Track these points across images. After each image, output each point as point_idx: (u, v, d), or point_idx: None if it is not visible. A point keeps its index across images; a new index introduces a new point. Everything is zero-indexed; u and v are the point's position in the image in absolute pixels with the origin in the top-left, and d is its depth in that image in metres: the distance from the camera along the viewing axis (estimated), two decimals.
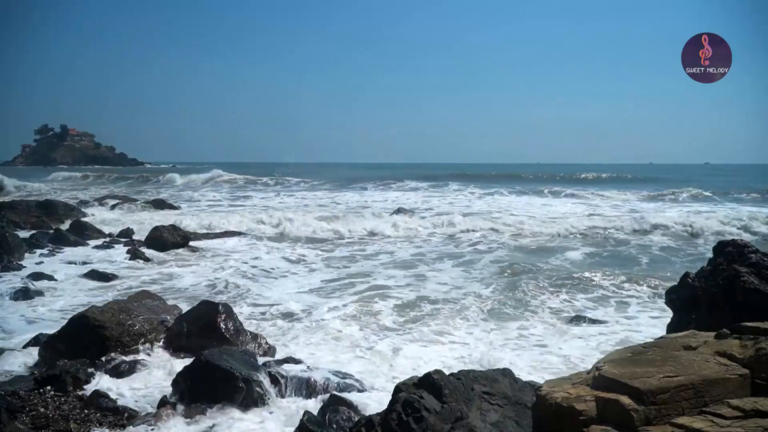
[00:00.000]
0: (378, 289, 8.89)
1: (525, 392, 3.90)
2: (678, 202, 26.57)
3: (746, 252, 4.99)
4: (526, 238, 14.67)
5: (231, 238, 14.70)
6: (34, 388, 4.68)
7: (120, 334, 5.46)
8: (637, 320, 7.36)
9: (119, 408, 4.39)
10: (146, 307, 5.97)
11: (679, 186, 33.33)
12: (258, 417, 4.40)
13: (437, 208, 23.53)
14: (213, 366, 4.62)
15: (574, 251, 12.60)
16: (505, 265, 10.78)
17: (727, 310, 4.59)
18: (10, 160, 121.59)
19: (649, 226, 15.74)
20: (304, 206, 24.16)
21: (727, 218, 16.59)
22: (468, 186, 35.26)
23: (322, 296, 8.62)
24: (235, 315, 6.09)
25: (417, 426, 3.28)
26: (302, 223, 16.29)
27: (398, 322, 7.18)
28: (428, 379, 3.59)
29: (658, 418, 2.30)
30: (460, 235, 15.14)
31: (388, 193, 32.46)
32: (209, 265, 10.96)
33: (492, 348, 6.16)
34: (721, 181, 44.02)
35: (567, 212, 21.19)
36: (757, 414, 2.24)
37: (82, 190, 35.47)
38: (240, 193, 31.92)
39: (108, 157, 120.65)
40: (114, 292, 8.48)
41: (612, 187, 34.68)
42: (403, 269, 10.65)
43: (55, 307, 7.61)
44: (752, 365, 2.53)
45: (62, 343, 5.39)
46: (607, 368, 2.59)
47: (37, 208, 18.53)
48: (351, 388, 4.90)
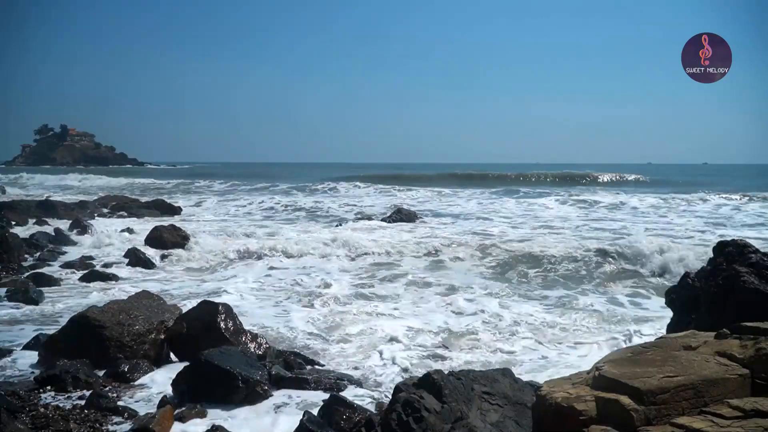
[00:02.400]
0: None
1: (525, 392, 3.90)
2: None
3: (746, 252, 4.99)
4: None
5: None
6: (34, 388, 4.68)
7: (120, 334, 5.46)
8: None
9: (119, 408, 4.39)
10: (146, 307, 5.96)
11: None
12: (258, 417, 4.40)
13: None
14: (213, 366, 4.62)
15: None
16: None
17: (727, 310, 4.59)
18: (10, 160, 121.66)
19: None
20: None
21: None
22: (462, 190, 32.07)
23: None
24: (235, 315, 6.08)
25: (417, 426, 3.28)
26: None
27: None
28: (428, 379, 3.59)
29: (658, 418, 2.30)
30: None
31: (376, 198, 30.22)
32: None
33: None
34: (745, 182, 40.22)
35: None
36: (757, 414, 2.24)
37: (82, 190, 35.48)
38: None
39: (108, 157, 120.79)
40: (114, 292, 8.48)
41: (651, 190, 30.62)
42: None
43: (55, 308, 7.61)
44: (752, 365, 2.53)
45: (62, 343, 5.39)
46: (607, 368, 2.59)
47: (37, 208, 18.55)
48: (351, 388, 4.90)
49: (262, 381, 4.71)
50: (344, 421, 4.03)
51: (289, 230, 15.56)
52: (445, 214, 20.79)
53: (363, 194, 31.73)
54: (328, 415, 4.09)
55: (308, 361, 5.64)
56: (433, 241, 13.15)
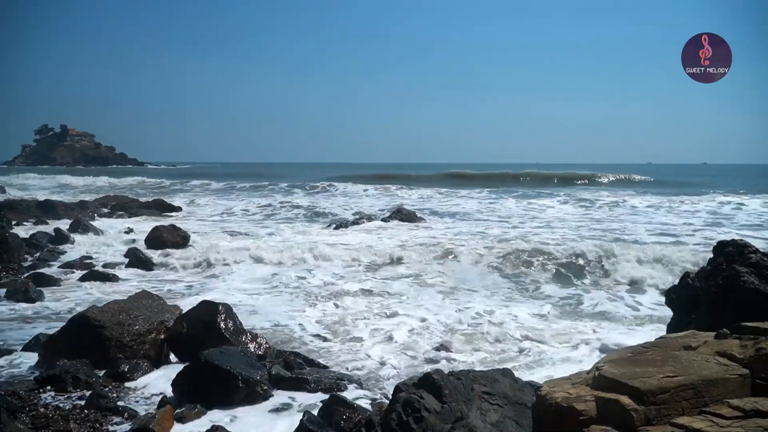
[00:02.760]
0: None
1: (525, 392, 3.90)
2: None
3: (746, 252, 4.99)
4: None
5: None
6: (34, 388, 4.68)
7: (120, 334, 5.46)
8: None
9: (119, 408, 4.39)
10: (146, 307, 5.96)
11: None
12: (258, 417, 4.40)
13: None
14: (213, 366, 4.62)
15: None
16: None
17: (727, 310, 4.59)
18: (10, 160, 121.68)
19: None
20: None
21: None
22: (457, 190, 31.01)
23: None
24: (235, 315, 6.08)
25: (417, 426, 3.28)
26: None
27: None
28: (428, 379, 3.59)
29: (658, 418, 2.30)
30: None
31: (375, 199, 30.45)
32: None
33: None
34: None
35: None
36: (757, 414, 2.24)
37: (82, 190, 35.47)
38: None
39: (108, 157, 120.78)
40: (114, 292, 8.48)
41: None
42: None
43: (54, 308, 7.61)
44: (752, 365, 2.53)
45: (62, 343, 5.38)
46: (607, 368, 2.59)
47: (37, 208, 18.55)
48: (351, 389, 4.90)
49: (262, 381, 4.71)
50: (344, 421, 4.03)
51: (289, 231, 15.56)
52: (445, 214, 20.80)
53: (363, 194, 31.69)
54: (328, 415, 4.09)
55: (308, 361, 5.63)
56: (433, 240, 13.15)
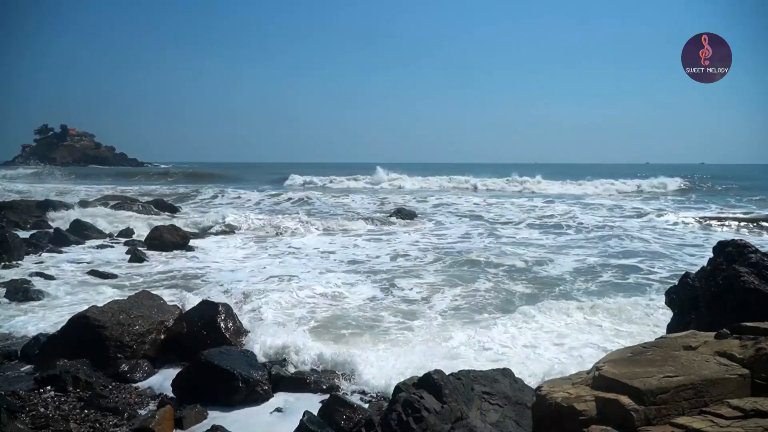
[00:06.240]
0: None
1: (525, 392, 3.90)
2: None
3: (746, 252, 4.98)
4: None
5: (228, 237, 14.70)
6: (34, 388, 4.69)
7: (120, 334, 5.46)
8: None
9: (119, 408, 4.39)
10: (146, 307, 5.96)
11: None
12: (258, 417, 4.40)
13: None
14: (213, 366, 4.62)
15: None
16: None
17: (727, 310, 4.59)
18: (10, 160, 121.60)
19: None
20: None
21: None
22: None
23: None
24: (235, 315, 6.09)
25: (417, 426, 3.28)
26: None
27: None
28: (428, 379, 3.59)
29: (658, 418, 2.30)
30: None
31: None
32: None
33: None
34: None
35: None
36: (757, 414, 2.24)
37: (82, 190, 35.42)
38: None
39: (108, 157, 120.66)
40: (114, 292, 8.47)
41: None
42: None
43: (55, 307, 7.61)
44: (752, 365, 2.53)
45: (62, 343, 5.39)
46: (607, 368, 2.59)
47: (37, 208, 18.54)
48: (351, 389, 4.90)
49: (262, 381, 4.71)
50: (344, 421, 4.04)
51: (289, 231, 15.56)
52: (445, 214, 20.80)
53: (362, 194, 31.70)
54: (328, 415, 4.09)
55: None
56: (433, 240, 13.14)
